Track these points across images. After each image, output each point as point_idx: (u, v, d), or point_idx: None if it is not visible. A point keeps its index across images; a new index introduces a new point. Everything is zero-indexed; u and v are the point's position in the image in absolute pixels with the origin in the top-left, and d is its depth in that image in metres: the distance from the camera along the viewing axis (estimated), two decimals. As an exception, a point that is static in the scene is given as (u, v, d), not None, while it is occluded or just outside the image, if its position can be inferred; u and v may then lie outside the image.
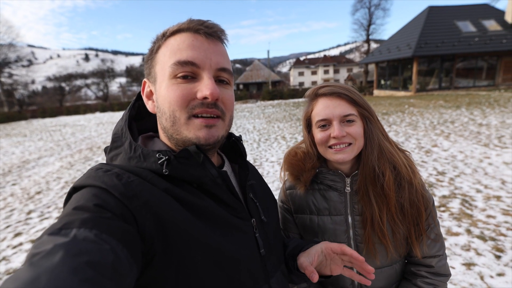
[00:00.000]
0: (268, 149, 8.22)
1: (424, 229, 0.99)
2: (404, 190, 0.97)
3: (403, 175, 0.98)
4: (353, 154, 0.98)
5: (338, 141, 0.96)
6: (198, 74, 0.65)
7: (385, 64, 24.83)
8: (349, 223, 1.04)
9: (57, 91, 56.06)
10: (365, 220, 0.99)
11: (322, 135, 0.99)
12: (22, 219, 4.80)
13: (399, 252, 1.02)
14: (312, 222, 1.09)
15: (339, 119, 0.96)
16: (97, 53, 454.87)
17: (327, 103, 0.98)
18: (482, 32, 20.27)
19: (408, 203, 0.97)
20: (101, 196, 0.52)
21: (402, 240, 1.00)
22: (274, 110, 19.43)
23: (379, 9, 35.83)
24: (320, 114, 0.99)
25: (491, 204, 3.86)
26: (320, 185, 1.10)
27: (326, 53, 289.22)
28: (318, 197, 1.09)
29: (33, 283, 0.36)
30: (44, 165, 8.99)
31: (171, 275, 0.54)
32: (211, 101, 0.64)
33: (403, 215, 0.97)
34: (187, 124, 0.64)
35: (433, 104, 13.73)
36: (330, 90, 0.98)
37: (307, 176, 1.08)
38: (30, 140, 15.17)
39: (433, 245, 1.02)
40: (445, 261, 1.04)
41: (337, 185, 1.06)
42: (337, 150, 0.97)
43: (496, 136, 7.18)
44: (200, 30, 0.65)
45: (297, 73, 72.51)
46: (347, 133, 0.96)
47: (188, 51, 0.64)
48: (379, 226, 0.97)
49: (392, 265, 1.05)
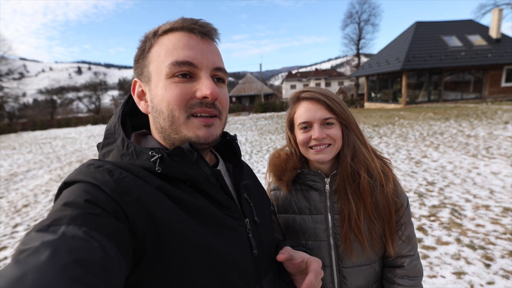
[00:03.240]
0: (260, 160, 8.22)
1: (395, 228, 1.03)
2: (377, 191, 1.01)
3: (375, 178, 1.02)
4: (332, 155, 1.03)
5: (318, 142, 1.01)
6: (196, 74, 0.65)
7: (375, 78, 25.24)
8: (329, 222, 1.07)
9: (48, 104, 55.45)
10: (343, 218, 1.03)
11: (303, 137, 1.04)
12: (7, 233, 4.67)
13: (375, 250, 1.06)
14: (294, 222, 1.13)
15: (320, 122, 1.02)
16: (89, 66, 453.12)
17: (308, 107, 1.03)
18: (468, 46, 20.85)
19: (381, 203, 1.01)
20: (92, 192, 0.51)
21: (377, 239, 1.04)
22: (266, 122, 19.51)
23: (368, 25, 36.59)
24: (302, 117, 1.04)
25: (480, 213, 3.90)
26: (302, 186, 1.14)
27: (317, 66, 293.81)
28: (300, 197, 1.13)
29: (18, 282, 0.35)
30: (32, 178, 8.82)
31: (162, 273, 0.54)
32: (211, 101, 0.64)
33: (378, 214, 1.01)
34: (186, 123, 0.64)
35: (422, 116, 13.95)
36: (311, 95, 1.04)
37: (289, 176, 1.12)
38: (19, 153, 14.90)
39: (404, 245, 1.07)
40: (416, 262, 1.08)
41: (317, 185, 1.09)
42: (317, 150, 1.03)
43: (484, 147, 7.31)
44: (195, 29, 0.65)
45: (289, 86, 73.03)
46: (327, 135, 1.01)
47: (185, 51, 0.63)
48: (356, 223, 1.01)
49: (370, 264, 1.08)
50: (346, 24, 37.16)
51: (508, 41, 21.17)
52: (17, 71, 46.14)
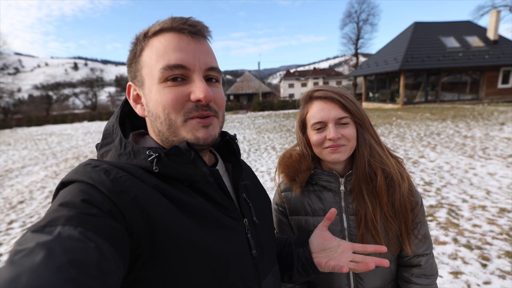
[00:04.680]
0: (258, 159, 8.21)
1: (411, 227, 1.02)
2: (394, 190, 1.00)
3: (392, 177, 1.00)
4: (347, 154, 1.01)
5: (333, 143, 0.98)
6: (189, 76, 0.64)
7: (373, 77, 25.32)
8: (344, 223, 1.05)
9: (44, 99, 54.88)
10: (359, 219, 1.01)
11: (318, 137, 1.01)
12: (2, 229, 4.64)
13: (392, 250, 1.04)
14: (307, 223, 1.10)
15: (334, 121, 0.98)
16: (86, 62, 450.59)
17: (322, 106, 1.00)
18: (465, 47, 20.96)
19: (398, 202, 0.99)
20: (88, 191, 0.51)
21: (394, 238, 1.03)
22: (264, 121, 19.51)
23: (367, 24, 36.84)
24: (315, 117, 1.01)
25: (476, 213, 3.93)
26: (315, 186, 1.11)
27: (315, 65, 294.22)
28: (313, 198, 1.10)
29: (13, 283, 0.35)
30: (28, 174, 8.76)
31: (159, 273, 0.53)
32: (205, 103, 0.63)
33: (394, 213, 1.00)
34: (184, 125, 0.63)
35: (419, 117, 14.01)
36: (325, 94, 1.00)
37: (303, 177, 1.09)
38: (14, 148, 14.78)
39: (421, 244, 1.05)
40: (432, 260, 1.08)
41: (331, 185, 1.07)
42: (332, 150, 0.99)
43: (480, 147, 7.35)
44: (185, 29, 0.64)
45: (287, 85, 73.22)
46: (342, 135, 0.98)
47: (176, 54, 0.62)
48: (373, 224, 0.99)
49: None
50: (345, 23, 37.40)
51: (505, 42, 21.31)
52: (12, 66, 45.85)
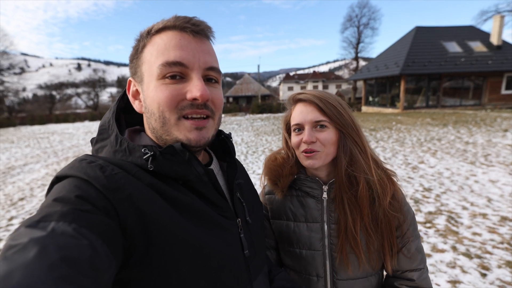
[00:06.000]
0: (255, 161, 8.20)
1: (395, 244, 0.99)
2: (375, 204, 0.97)
3: (375, 190, 0.97)
4: (322, 161, 0.99)
5: (307, 146, 0.98)
6: (187, 75, 0.64)
7: (373, 81, 25.28)
8: (325, 231, 1.03)
9: (47, 99, 55.11)
10: (340, 228, 0.99)
11: (296, 139, 1.02)
12: (3, 226, 4.67)
13: (372, 265, 1.01)
14: (288, 228, 1.09)
15: (311, 124, 0.98)
16: (89, 63, 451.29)
17: (302, 109, 1.01)
18: (468, 53, 20.89)
19: (381, 216, 0.97)
20: (83, 187, 0.50)
21: (376, 253, 1.00)
22: (263, 123, 19.48)
23: (368, 28, 36.68)
24: (295, 119, 1.03)
25: (477, 221, 3.89)
26: (298, 191, 1.10)
27: (315, 69, 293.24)
28: (296, 203, 1.09)
29: (5, 279, 0.35)
30: (29, 172, 8.80)
31: (152, 271, 0.53)
32: (201, 102, 0.63)
33: (376, 227, 0.97)
34: (177, 125, 0.64)
35: (420, 122, 13.97)
36: (305, 97, 1.01)
37: (285, 182, 1.08)
38: (17, 146, 14.84)
39: (413, 259, 1.01)
40: (426, 275, 1.03)
41: (314, 192, 1.06)
42: (307, 155, 0.99)
43: (482, 154, 7.31)
44: (187, 28, 0.64)
45: (287, 88, 73.09)
46: (317, 139, 0.97)
47: (176, 51, 0.62)
48: (352, 235, 0.96)
49: (367, 277, 1.03)
50: (345, 27, 37.29)
51: (509, 48, 21.21)
52: (18, 66, 45.97)
